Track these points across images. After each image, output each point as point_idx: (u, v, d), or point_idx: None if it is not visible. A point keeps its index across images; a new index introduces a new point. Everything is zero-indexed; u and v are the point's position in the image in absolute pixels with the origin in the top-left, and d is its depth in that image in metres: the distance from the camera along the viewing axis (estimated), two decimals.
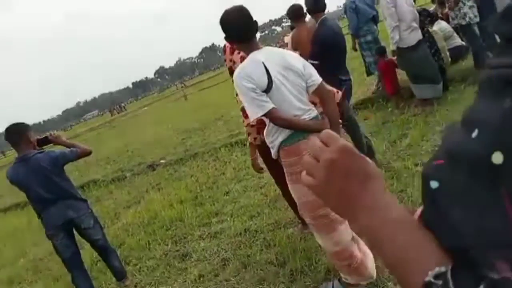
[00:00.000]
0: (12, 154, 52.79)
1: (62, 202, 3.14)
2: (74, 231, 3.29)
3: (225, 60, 2.86)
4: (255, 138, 2.83)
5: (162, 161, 8.24)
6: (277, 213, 3.73)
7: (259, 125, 2.66)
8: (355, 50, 6.16)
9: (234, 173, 5.54)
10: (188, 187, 5.60)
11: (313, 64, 3.53)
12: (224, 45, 2.81)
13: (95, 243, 3.36)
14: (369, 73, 6.11)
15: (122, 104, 64.93)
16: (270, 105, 1.99)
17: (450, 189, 0.41)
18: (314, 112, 2.15)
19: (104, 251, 3.42)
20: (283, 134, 2.09)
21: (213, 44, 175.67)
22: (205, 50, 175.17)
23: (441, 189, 0.42)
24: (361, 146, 3.77)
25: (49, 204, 3.11)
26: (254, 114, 2.02)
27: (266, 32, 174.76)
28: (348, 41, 5.25)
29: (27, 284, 4.44)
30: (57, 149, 3.27)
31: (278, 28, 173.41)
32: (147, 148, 10.56)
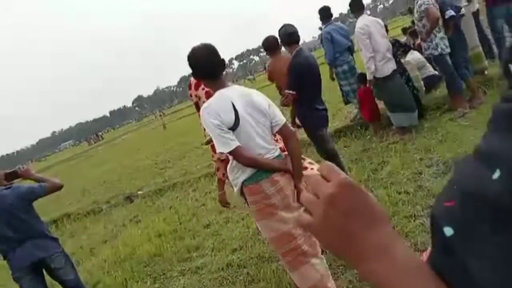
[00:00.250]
0: None
1: (30, 242, 2.96)
2: (44, 272, 3.10)
3: (191, 96, 2.82)
4: (223, 174, 2.77)
5: (139, 192, 8.04)
6: (260, 246, 3.63)
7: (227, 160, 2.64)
8: (333, 79, 6.28)
9: (215, 204, 5.42)
10: (167, 220, 5.43)
11: (289, 94, 3.62)
12: (189, 81, 2.80)
13: (66, 284, 3.16)
14: (346, 102, 6.21)
15: (100, 133, 63.86)
16: (236, 143, 2.02)
17: (468, 237, 0.36)
18: (277, 151, 2.19)
19: None
20: (245, 173, 2.12)
21: (191, 73, 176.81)
22: (183, 79, 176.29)
23: (457, 237, 0.37)
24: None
25: (16, 244, 2.92)
26: (221, 149, 2.05)
27: (244, 61, 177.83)
28: (325, 71, 5.37)
29: None
30: (26, 183, 3.12)
31: (256, 58, 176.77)
32: (124, 179, 10.33)
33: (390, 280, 0.41)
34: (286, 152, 2.28)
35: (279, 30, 3.89)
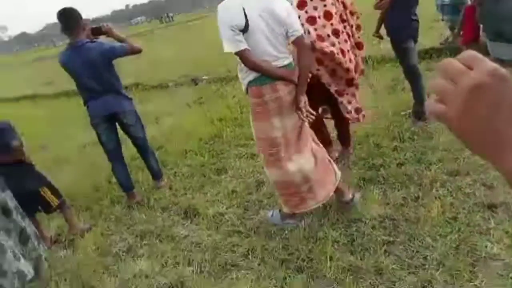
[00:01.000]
0: (63, 45, 54.13)
1: (108, 96, 3.18)
2: (117, 126, 3.38)
3: None
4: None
5: (205, 77, 8.21)
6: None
7: None
8: None
9: None
10: (229, 107, 5.58)
11: None
12: None
13: (136, 141, 3.46)
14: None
15: (171, 14, 63.94)
16: (243, 46, 2.12)
17: None
18: (287, 60, 2.26)
19: (144, 149, 3.53)
20: (251, 74, 2.23)
21: None
22: None
23: None
24: (421, 99, 3.58)
25: (96, 95, 3.16)
26: (227, 49, 2.16)
27: None
28: None
29: (71, 166, 4.74)
30: (109, 42, 3.24)
31: None
32: (190, 62, 10.51)
33: None
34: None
35: None
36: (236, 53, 2.15)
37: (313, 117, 2.41)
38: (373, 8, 3.59)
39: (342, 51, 2.80)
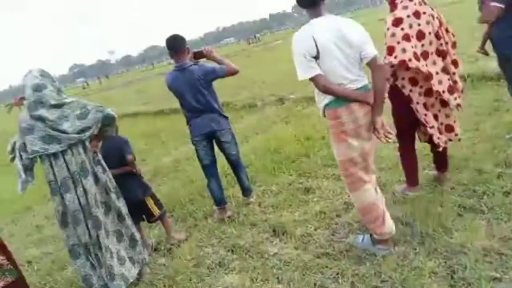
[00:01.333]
0: (159, 67, 58.94)
1: (208, 115, 3.41)
2: (214, 143, 3.60)
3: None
4: (387, 79, 2.69)
5: (291, 96, 8.35)
6: None
7: (399, 68, 2.69)
8: None
9: None
10: (315, 127, 5.60)
11: (495, 7, 3.11)
12: None
13: (230, 157, 3.64)
14: None
15: (258, 35, 66.35)
16: (316, 71, 2.23)
17: None
18: (361, 82, 2.31)
19: (237, 166, 3.69)
20: (327, 98, 2.32)
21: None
22: None
23: None
24: None
25: (198, 114, 3.41)
26: (301, 76, 2.28)
27: None
28: None
29: (168, 179, 5.14)
30: (209, 63, 3.49)
31: None
32: (278, 82, 10.76)
33: None
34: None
35: None
36: (310, 79, 2.26)
37: (391, 138, 2.40)
38: (478, 22, 3.39)
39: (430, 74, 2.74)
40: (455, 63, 2.91)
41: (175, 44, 3.35)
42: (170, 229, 3.39)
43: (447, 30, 2.86)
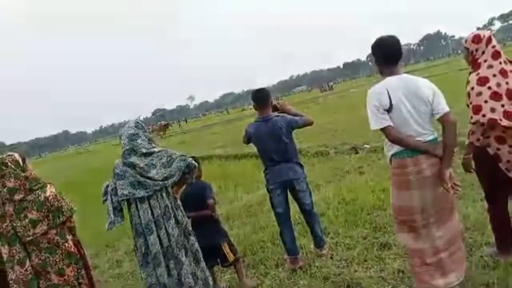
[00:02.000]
0: (233, 112, 61.38)
1: (286, 164, 3.50)
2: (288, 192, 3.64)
3: (467, 49, 2.82)
4: (478, 139, 2.70)
5: (366, 145, 8.20)
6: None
7: (487, 127, 2.63)
8: None
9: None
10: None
11: None
12: (472, 34, 2.78)
13: (303, 206, 3.64)
14: None
15: (331, 83, 66.89)
16: (386, 123, 2.40)
17: None
18: (430, 136, 2.44)
19: (310, 215, 3.67)
20: (395, 148, 2.46)
21: (438, 31, 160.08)
22: (428, 38, 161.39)
23: None
24: None
25: (276, 163, 3.51)
26: (373, 126, 2.45)
27: (511, 22, 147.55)
28: None
29: (240, 223, 5.24)
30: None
31: None
32: (351, 130, 10.67)
33: None
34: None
35: None
36: (381, 130, 2.43)
37: (459, 190, 2.45)
38: None
39: None
40: None
41: (263, 98, 3.56)
42: (243, 276, 3.42)
43: None
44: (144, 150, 2.76)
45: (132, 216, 2.81)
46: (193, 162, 2.88)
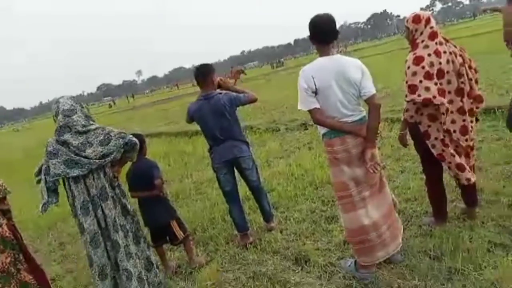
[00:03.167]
0: (184, 88, 60.27)
1: (230, 142, 3.44)
2: (235, 169, 3.61)
3: (407, 29, 2.87)
4: (411, 116, 2.84)
5: None
6: None
7: (421, 105, 2.75)
8: None
9: (391, 151, 5.28)
10: None
11: None
12: (413, 14, 2.82)
13: (251, 183, 3.64)
14: None
15: (282, 60, 67.19)
16: (313, 105, 2.50)
17: None
18: (358, 116, 2.54)
19: (258, 191, 3.68)
20: (323, 129, 2.61)
21: (385, 10, 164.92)
22: (375, 16, 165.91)
23: None
24: None
25: (220, 142, 3.44)
26: (299, 106, 2.58)
27: (450, 4, 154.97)
28: None
29: (190, 201, 5.17)
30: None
31: (466, 1, 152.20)
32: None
33: None
34: None
35: None
36: (308, 111, 2.53)
37: (378, 170, 2.55)
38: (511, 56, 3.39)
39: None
40: (478, 98, 2.89)
41: (203, 74, 3.41)
42: (192, 253, 3.39)
43: (470, 67, 2.85)
44: (79, 128, 2.57)
45: (67, 197, 2.65)
46: (133, 139, 2.72)
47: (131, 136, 2.74)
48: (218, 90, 3.47)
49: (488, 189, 3.44)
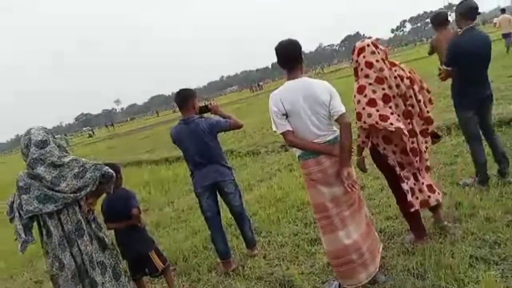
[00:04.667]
0: (164, 115, 59.99)
1: (212, 166, 3.41)
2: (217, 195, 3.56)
3: (352, 60, 2.96)
4: (363, 141, 2.92)
5: None
6: None
7: (371, 129, 2.78)
8: None
9: (371, 169, 5.31)
10: None
11: (444, 70, 3.64)
12: (354, 46, 2.94)
13: (233, 208, 3.59)
14: None
15: (261, 83, 68.01)
16: (285, 128, 2.55)
17: None
18: (330, 136, 2.57)
19: (240, 217, 3.63)
20: (298, 151, 2.64)
21: (357, 32, 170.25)
22: (348, 38, 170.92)
23: None
24: (497, 156, 3.82)
25: (201, 166, 3.41)
26: (274, 129, 2.61)
27: (419, 24, 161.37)
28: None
29: (171, 230, 5.05)
30: (215, 117, 3.54)
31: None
32: None
33: None
34: None
35: (460, 3, 3.66)
36: (281, 134, 2.58)
37: (356, 189, 2.56)
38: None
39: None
40: (428, 120, 2.95)
41: (183, 99, 3.41)
42: (173, 284, 3.28)
43: (421, 88, 2.93)
44: (55, 159, 2.46)
45: (42, 234, 2.52)
46: (109, 171, 2.63)
47: (107, 167, 2.64)
48: (198, 115, 3.45)
49: (466, 203, 3.48)
